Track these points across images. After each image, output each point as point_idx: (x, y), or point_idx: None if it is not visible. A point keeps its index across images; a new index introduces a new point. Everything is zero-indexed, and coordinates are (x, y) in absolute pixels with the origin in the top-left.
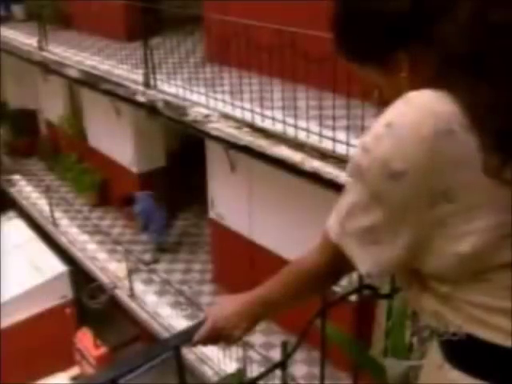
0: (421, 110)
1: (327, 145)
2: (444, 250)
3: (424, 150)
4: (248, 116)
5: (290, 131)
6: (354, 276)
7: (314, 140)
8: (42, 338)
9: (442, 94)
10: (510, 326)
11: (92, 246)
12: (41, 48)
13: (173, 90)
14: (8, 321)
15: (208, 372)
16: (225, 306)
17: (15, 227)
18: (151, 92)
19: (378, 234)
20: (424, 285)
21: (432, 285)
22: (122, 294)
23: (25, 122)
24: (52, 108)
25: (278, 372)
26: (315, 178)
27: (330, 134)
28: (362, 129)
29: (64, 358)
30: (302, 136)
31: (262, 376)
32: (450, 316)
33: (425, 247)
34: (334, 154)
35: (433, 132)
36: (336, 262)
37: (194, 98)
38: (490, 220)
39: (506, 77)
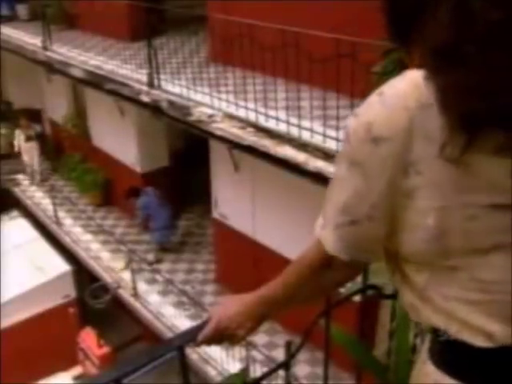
0: (410, 83)
1: (331, 145)
2: (415, 223)
3: (405, 120)
4: (252, 116)
5: (294, 131)
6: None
7: (317, 140)
8: (46, 337)
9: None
10: (481, 322)
11: (95, 246)
12: (45, 48)
13: (177, 89)
14: (12, 320)
15: (211, 372)
16: (228, 306)
17: (19, 227)
18: (155, 92)
19: (354, 211)
20: (403, 276)
21: (409, 274)
22: (125, 294)
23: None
24: (56, 108)
25: (280, 372)
26: (319, 177)
27: (333, 134)
28: None
29: (67, 358)
30: (305, 136)
31: (265, 376)
32: (425, 310)
33: (399, 221)
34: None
35: (417, 104)
36: (329, 268)
37: (198, 97)
38: (453, 198)
39: (476, 63)
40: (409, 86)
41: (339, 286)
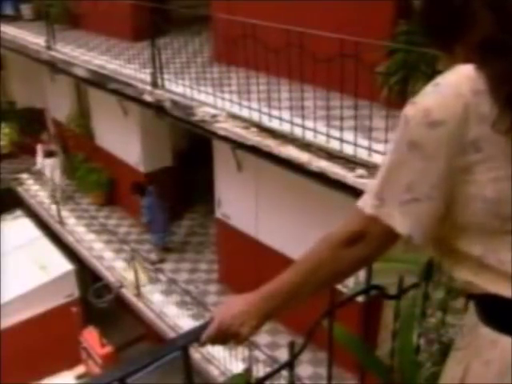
0: (462, 74)
1: (334, 145)
2: (473, 195)
3: (460, 105)
4: (255, 116)
5: (298, 131)
6: (362, 276)
7: (321, 140)
8: (48, 336)
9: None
10: None
11: (99, 245)
12: (48, 47)
13: (180, 89)
14: (15, 319)
15: (214, 372)
16: (231, 305)
17: (22, 226)
18: (159, 92)
19: (415, 190)
20: (458, 256)
21: (465, 250)
22: (128, 293)
23: (32, 120)
24: (59, 107)
25: (283, 372)
26: (322, 178)
27: (337, 134)
28: (370, 129)
29: (70, 357)
30: (309, 136)
31: (269, 376)
32: (481, 280)
33: (457, 195)
34: (341, 155)
35: (469, 90)
36: (358, 243)
37: (202, 97)
38: (508, 170)
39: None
40: (461, 76)
41: (360, 266)
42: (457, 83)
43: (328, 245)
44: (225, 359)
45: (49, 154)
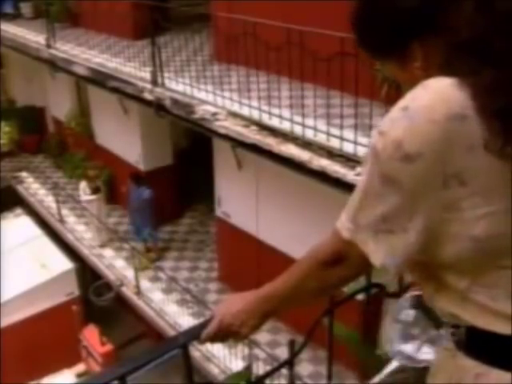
0: (435, 94)
1: (335, 143)
2: (460, 234)
3: (436, 133)
4: (255, 114)
5: (298, 130)
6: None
7: (321, 138)
8: (49, 334)
9: (457, 80)
10: None
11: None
12: (49, 45)
13: (180, 87)
14: (15, 317)
15: (214, 370)
16: (231, 303)
17: (22, 224)
18: (159, 90)
19: (391, 222)
20: (441, 284)
21: (450, 281)
22: (128, 292)
23: (32, 119)
24: (59, 105)
25: (283, 370)
26: (322, 176)
27: (337, 132)
28: (370, 127)
29: (70, 355)
30: (309, 134)
31: (269, 374)
32: (466, 313)
33: (440, 233)
34: (341, 153)
35: (445, 116)
36: (340, 264)
37: (202, 96)
38: (501, 204)
39: (506, 59)
40: (432, 98)
41: (345, 283)
42: (429, 107)
43: (311, 264)
44: (225, 357)
45: (95, 191)
